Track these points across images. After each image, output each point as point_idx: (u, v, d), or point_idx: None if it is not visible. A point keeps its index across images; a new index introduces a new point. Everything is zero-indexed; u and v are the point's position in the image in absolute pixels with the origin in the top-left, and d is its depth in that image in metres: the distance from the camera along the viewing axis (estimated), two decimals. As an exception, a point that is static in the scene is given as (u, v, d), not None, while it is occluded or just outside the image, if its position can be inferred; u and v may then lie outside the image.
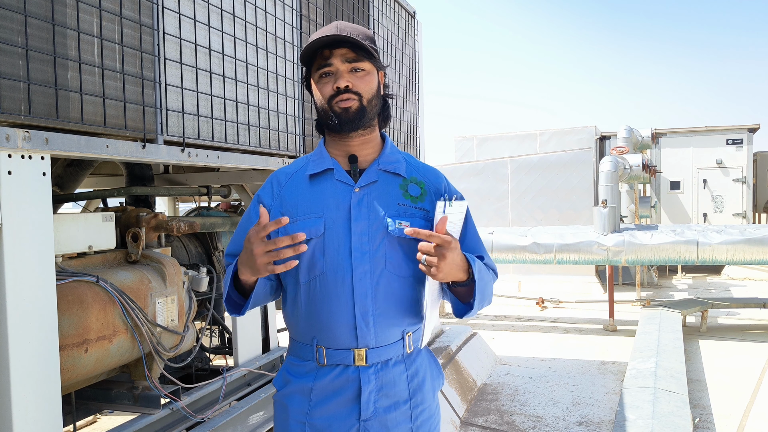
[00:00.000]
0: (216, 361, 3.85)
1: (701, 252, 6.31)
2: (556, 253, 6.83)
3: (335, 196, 1.52)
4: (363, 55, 1.50)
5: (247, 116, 2.80)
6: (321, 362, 1.51)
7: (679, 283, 10.35)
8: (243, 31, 2.74)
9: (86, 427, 3.82)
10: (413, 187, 1.56)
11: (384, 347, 1.51)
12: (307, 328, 1.53)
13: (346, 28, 1.49)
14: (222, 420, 2.84)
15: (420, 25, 5.14)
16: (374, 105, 1.54)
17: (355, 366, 1.49)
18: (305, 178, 1.56)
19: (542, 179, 9.86)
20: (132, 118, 2.11)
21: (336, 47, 1.48)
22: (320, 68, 1.51)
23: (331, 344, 1.50)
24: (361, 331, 1.48)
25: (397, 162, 1.59)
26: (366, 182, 1.53)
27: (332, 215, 1.51)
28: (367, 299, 1.48)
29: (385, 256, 1.50)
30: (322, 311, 1.50)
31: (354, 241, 1.48)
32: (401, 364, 1.55)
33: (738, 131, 11.29)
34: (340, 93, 1.48)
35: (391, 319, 1.51)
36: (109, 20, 2.01)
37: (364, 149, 1.57)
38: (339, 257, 1.49)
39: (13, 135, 1.68)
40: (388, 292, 1.50)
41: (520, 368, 5.42)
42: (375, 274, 1.49)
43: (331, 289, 1.49)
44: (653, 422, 3.39)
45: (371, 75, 1.52)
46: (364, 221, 1.50)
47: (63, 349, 2.08)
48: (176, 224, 2.93)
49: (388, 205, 1.52)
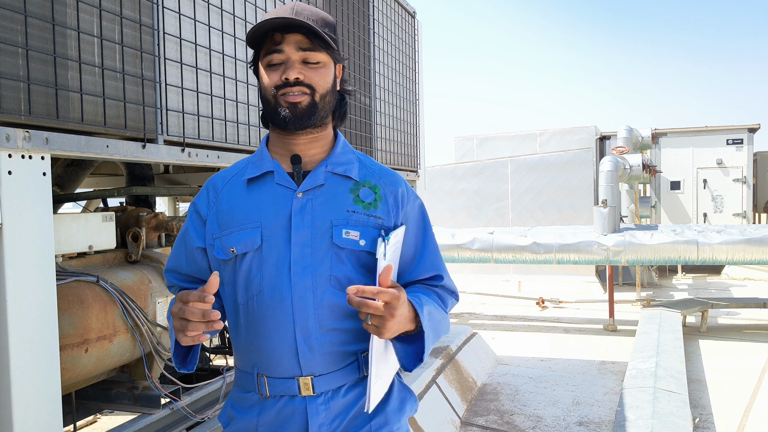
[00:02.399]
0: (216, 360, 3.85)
1: (701, 252, 6.31)
2: (556, 253, 6.83)
3: (274, 203, 1.33)
4: (319, 45, 1.29)
5: (247, 116, 2.80)
6: (263, 393, 1.32)
7: (679, 283, 10.36)
8: (243, 31, 2.74)
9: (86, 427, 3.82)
10: (366, 191, 1.36)
11: (333, 373, 1.31)
12: (247, 355, 1.35)
13: (303, 11, 1.29)
14: (222, 420, 2.84)
15: (420, 25, 5.14)
16: (328, 101, 1.35)
17: (301, 396, 1.30)
18: (243, 183, 1.37)
19: (542, 179, 9.86)
20: (132, 117, 2.11)
21: (289, 32, 1.28)
22: (269, 53, 1.30)
23: (273, 373, 1.31)
24: (304, 356, 1.29)
25: (349, 163, 1.39)
26: (311, 186, 1.33)
27: (270, 224, 1.31)
28: (309, 320, 1.28)
29: (330, 269, 1.30)
30: (260, 335, 1.31)
31: (294, 254, 1.29)
32: (355, 389, 1.34)
33: (738, 131, 11.28)
34: (289, 85, 1.29)
35: (339, 340, 1.31)
36: (109, 20, 2.01)
37: (311, 148, 1.37)
38: (277, 273, 1.29)
39: (13, 135, 1.68)
40: (335, 310, 1.30)
41: (520, 368, 5.42)
42: (319, 291, 1.29)
43: (269, 310, 1.30)
44: (653, 422, 3.39)
45: (327, 67, 1.33)
46: (307, 230, 1.30)
47: (63, 348, 2.09)
48: (176, 224, 2.93)
49: (336, 211, 1.32)
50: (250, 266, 1.31)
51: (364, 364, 1.34)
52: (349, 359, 1.33)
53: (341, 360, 1.32)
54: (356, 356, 1.34)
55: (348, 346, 1.33)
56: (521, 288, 9.62)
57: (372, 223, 1.33)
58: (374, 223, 1.33)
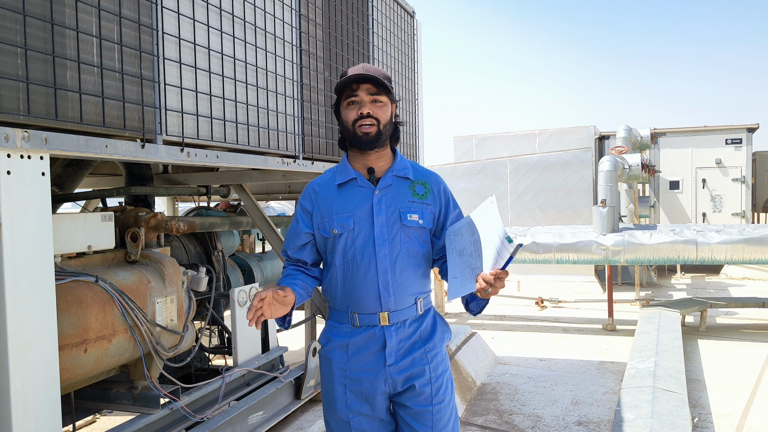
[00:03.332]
0: (215, 360, 3.85)
1: (700, 252, 6.31)
2: (555, 252, 6.84)
3: (360, 199, 1.96)
4: (382, 90, 1.94)
5: (246, 116, 2.80)
6: (355, 324, 1.96)
7: (678, 282, 10.37)
8: (242, 31, 2.74)
9: (86, 427, 3.81)
10: (419, 187, 2.02)
11: (401, 310, 1.95)
12: (343, 299, 1.98)
13: (371, 69, 1.94)
14: (221, 420, 2.84)
15: (419, 25, 5.14)
16: (388, 129, 1.98)
17: (380, 326, 1.94)
18: (335, 187, 2.01)
19: (541, 179, 9.86)
20: (131, 117, 2.11)
21: (362, 82, 1.93)
22: (349, 97, 1.95)
23: (362, 310, 1.95)
24: (384, 298, 1.93)
25: (406, 168, 2.03)
26: (383, 186, 1.98)
27: (359, 213, 1.95)
28: (387, 275, 1.93)
29: (401, 241, 1.95)
30: (354, 286, 1.95)
31: (376, 231, 1.93)
32: (415, 323, 1.99)
33: (737, 131, 11.29)
34: (363, 118, 1.92)
35: (406, 288, 1.96)
36: (108, 20, 2.01)
37: (379, 162, 2.01)
38: (365, 244, 1.93)
39: (12, 135, 1.68)
40: (403, 268, 1.95)
41: (519, 368, 5.43)
42: (393, 256, 1.94)
43: (360, 269, 1.94)
44: (652, 422, 3.40)
45: (387, 106, 1.97)
46: (383, 215, 1.94)
47: (62, 348, 2.08)
48: (175, 224, 2.93)
49: (401, 202, 1.97)
50: (346, 241, 1.95)
51: (418, 306, 1.99)
52: (411, 301, 1.98)
53: (406, 301, 1.96)
54: (415, 299, 1.99)
55: (410, 293, 1.97)
56: (520, 288, 9.63)
57: (425, 208, 1.99)
58: (427, 209, 1.99)
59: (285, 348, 3.68)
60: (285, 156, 3.17)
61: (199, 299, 3.25)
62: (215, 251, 3.85)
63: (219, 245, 3.89)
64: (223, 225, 3.80)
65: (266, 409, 3.27)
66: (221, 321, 3.56)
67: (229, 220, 3.87)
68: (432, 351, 2.00)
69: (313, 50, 3.41)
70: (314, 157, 3.44)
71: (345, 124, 1.98)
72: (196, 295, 3.12)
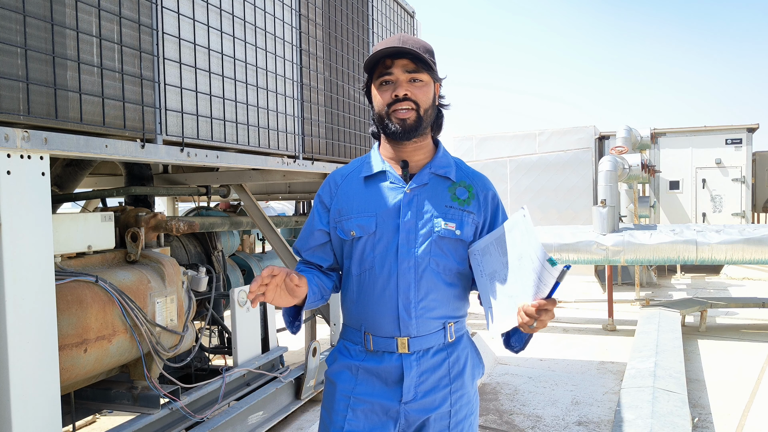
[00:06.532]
0: (215, 360, 3.85)
1: (700, 252, 6.31)
2: (555, 252, 6.83)
3: (387, 196, 1.62)
4: (422, 67, 1.56)
5: (246, 116, 2.80)
6: (368, 347, 1.63)
7: (678, 282, 10.36)
8: (242, 31, 2.74)
9: (85, 427, 3.81)
10: (461, 190, 1.64)
11: (425, 336, 1.60)
12: (357, 315, 1.66)
13: (408, 40, 1.56)
14: (221, 420, 2.84)
15: (419, 25, 5.15)
16: (430, 114, 1.61)
17: (398, 353, 1.60)
18: (360, 180, 1.67)
19: (541, 179, 9.86)
20: (131, 117, 2.11)
21: (397, 58, 1.56)
22: (381, 76, 1.58)
23: (377, 332, 1.61)
24: (404, 321, 1.58)
25: (448, 166, 1.66)
26: (417, 184, 1.62)
27: (383, 214, 1.60)
28: (410, 292, 1.58)
29: (430, 253, 1.59)
30: (370, 301, 1.62)
31: (401, 239, 1.58)
32: (442, 352, 1.64)
33: (737, 131, 11.29)
34: (399, 101, 1.56)
35: (432, 311, 1.60)
36: (108, 20, 2.01)
37: (417, 155, 1.65)
38: (387, 253, 1.59)
39: (12, 135, 1.68)
40: (431, 286, 1.59)
41: (519, 368, 5.43)
42: (419, 270, 1.58)
43: (378, 282, 1.60)
44: (652, 422, 3.40)
45: (428, 86, 1.59)
46: (413, 220, 1.59)
47: (62, 349, 2.08)
48: (175, 224, 2.93)
49: (437, 206, 1.61)
50: (365, 246, 1.61)
51: (448, 332, 1.64)
52: (439, 327, 1.62)
53: (432, 326, 1.61)
54: (443, 324, 1.63)
55: (437, 316, 1.61)
56: (520, 288, 9.60)
57: (466, 217, 1.62)
58: (468, 218, 1.62)
59: (285, 348, 3.69)
60: (285, 156, 3.17)
61: (199, 299, 3.25)
62: (215, 251, 3.85)
63: (219, 245, 3.89)
64: (223, 225, 3.80)
65: (266, 409, 3.27)
66: (221, 321, 3.56)
67: (229, 220, 3.87)
68: (459, 391, 1.65)
69: (313, 50, 3.41)
70: (314, 157, 3.44)
71: (377, 109, 1.61)
72: (196, 295, 3.12)
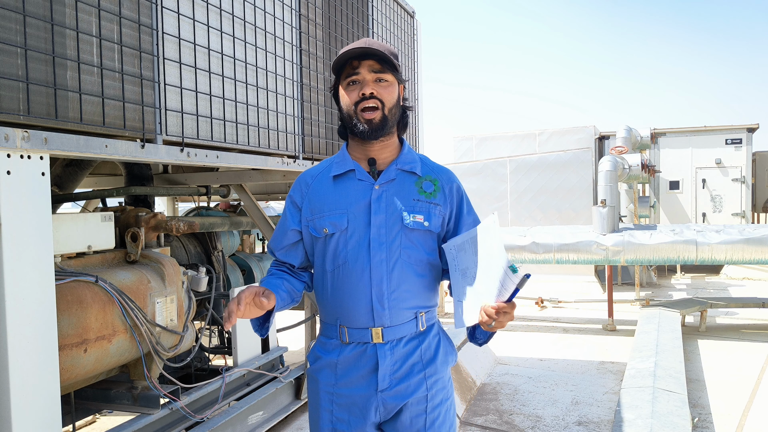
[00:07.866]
0: (215, 361, 3.85)
1: (700, 252, 6.31)
2: (555, 252, 6.83)
3: (357, 193, 1.70)
4: (387, 68, 1.67)
5: (246, 116, 2.80)
6: (344, 340, 1.70)
7: (678, 282, 10.36)
8: (242, 31, 2.74)
9: (85, 427, 3.81)
10: (427, 184, 1.74)
11: (398, 326, 1.68)
12: (332, 310, 1.72)
13: (373, 43, 1.67)
14: (221, 420, 2.84)
15: (419, 25, 5.14)
16: (394, 113, 1.70)
17: (372, 343, 1.68)
18: (330, 179, 1.74)
19: (541, 179, 9.86)
20: (131, 117, 2.11)
21: (364, 59, 1.65)
22: (349, 76, 1.67)
23: (352, 324, 1.69)
24: (377, 312, 1.66)
25: (414, 162, 1.76)
26: (385, 180, 1.71)
27: (354, 210, 1.68)
28: (382, 284, 1.66)
29: (400, 246, 1.67)
30: (344, 295, 1.69)
31: (373, 233, 1.66)
32: (414, 340, 1.72)
33: (737, 131, 11.28)
34: (365, 99, 1.65)
35: (404, 301, 1.68)
36: (108, 20, 2.01)
37: (383, 153, 1.74)
38: (359, 248, 1.66)
39: (12, 135, 1.68)
40: (402, 278, 1.67)
41: (519, 368, 5.43)
42: (390, 262, 1.66)
43: (352, 276, 1.67)
44: (652, 422, 3.40)
45: (393, 86, 1.69)
46: (383, 214, 1.67)
47: (62, 349, 2.08)
48: (175, 224, 2.93)
49: (405, 200, 1.69)
50: (338, 242, 1.68)
51: (419, 321, 1.72)
52: (410, 316, 1.70)
53: (405, 316, 1.69)
54: (415, 314, 1.71)
55: (409, 306, 1.69)
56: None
57: (432, 208, 1.71)
58: (434, 209, 1.71)
59: (285, 348, 3.69)
60: (285, 156, 3.17)
61: (199, 299, 3.25)
62: (215, 251, 3.85)
63: (219, 245, 3.89)
64: (223, 225, 3.80)
65: (266, 409, 3.27)
66: (221, 321, 3.56)
67: (229, 220, 3.87)
68: (433, 377, 1.73)
69: (313, 50, 3.41)
70: (314, 157, 3.44)
71: (345, 108, 1.70)
72: (196, 295, 3.12)
